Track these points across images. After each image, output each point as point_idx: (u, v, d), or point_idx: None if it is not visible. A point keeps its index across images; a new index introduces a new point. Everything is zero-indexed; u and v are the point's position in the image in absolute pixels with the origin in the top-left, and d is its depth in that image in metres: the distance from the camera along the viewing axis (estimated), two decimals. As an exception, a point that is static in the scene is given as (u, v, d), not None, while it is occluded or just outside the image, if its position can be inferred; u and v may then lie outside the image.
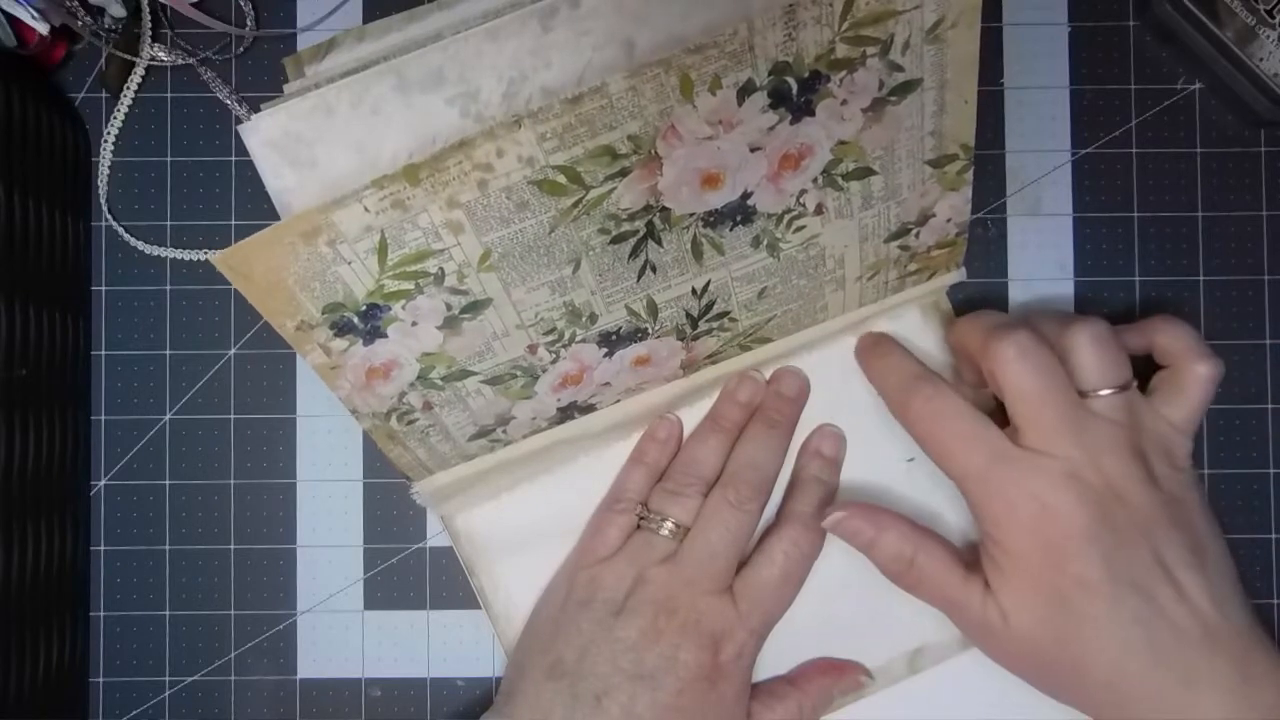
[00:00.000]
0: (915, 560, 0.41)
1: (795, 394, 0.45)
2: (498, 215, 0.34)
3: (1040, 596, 0.37)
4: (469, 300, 0.36)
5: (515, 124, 0.32)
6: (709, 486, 0.43)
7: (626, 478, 0.44)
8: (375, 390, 0.38)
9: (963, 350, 0.42)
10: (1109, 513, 0.37)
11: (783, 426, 0.44)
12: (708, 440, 0.44)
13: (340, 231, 0.33)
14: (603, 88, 0.32)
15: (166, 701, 0.46)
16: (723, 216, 0.37)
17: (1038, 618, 0.38)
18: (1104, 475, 0.37)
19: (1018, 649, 0.39)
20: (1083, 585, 0.36)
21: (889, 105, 0.36)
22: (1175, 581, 0.37)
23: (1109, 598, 0.36)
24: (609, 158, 0.33)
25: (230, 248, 0.33)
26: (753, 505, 0.42)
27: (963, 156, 0.39)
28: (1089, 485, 0.37)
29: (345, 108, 0.33)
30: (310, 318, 0.35)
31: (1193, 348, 0.40)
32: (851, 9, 0.32)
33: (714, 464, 0.43)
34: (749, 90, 0.33)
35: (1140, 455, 0.38)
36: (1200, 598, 0.36)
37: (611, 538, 0.43)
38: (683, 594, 0.41)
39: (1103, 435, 0.37)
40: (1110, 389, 0.38)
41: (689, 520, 0.42)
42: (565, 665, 0.40)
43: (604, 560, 0.42)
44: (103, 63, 0.46)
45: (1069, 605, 0.37)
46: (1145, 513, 0.37)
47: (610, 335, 0.40)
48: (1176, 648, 0.36)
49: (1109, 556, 0.36)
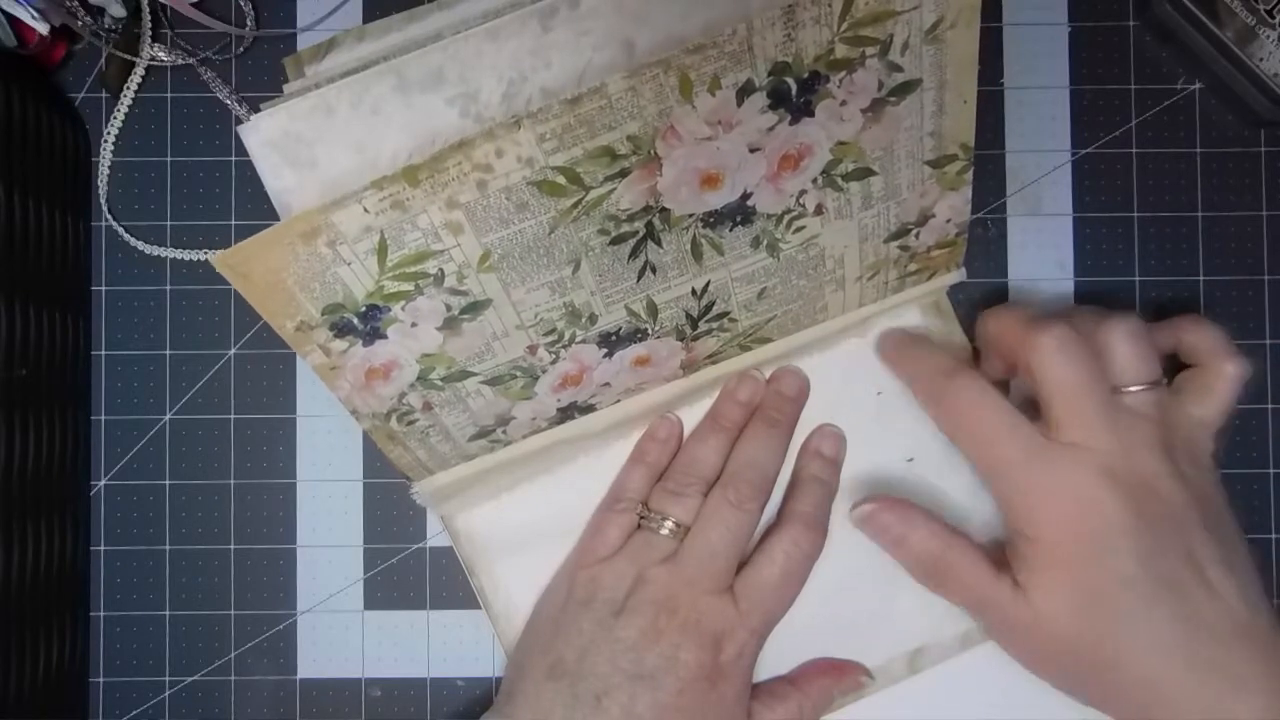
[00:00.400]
0: (944, 558, 0.40)
1: (795, 393, 0.45)
2: (497, 216, 0.34)
3: (1074, 592, 0.37)
4: (469, 301, 0.36)
5: (515, 124, 0.32)
6: (709, 486, 0.43)
7: (627, 477, 0.44)
8: (375, 391, 0.38)
9: (996, 341, 0.42)
10: (1144, 508, 0.37)
11: (783, 425, 0.44)
12: (708, 440, 0.44)
13: (340, 232, 0.33)
14: (602, 88, 0.32)
15: (166, 701, 0.46)
16: (722, 217, 0.37)
17: (1071, 615, 0.37)
18: (1138, 470, 0.37)
19: (1048, 647, 0.39)
20: (1120, 581, 0.36)
21: (888, 105, 0.36)
22: (1207, 580, 0.36)
23: (1146, 595, 0.36)
24: (608, 158, 0.34)
25: (230, 248, 0.33)
26: (753, 505, 0.42)
27: (962, 156, 0.39)
28: (1124, 480, 0.37)
29: (345, 108, 0.33)
30: (310, 318, 0.35)
31: (1221, 347, 0.40)
32: (850, 9, 0.32)
33: (714, 463, 0.43)
34: (748, 90, 0.33)
35: (1169, 452, 0.38)
36: (1232, 596, 0.36)
37: (612, 537, 0.43)
38: (683, 594, 0.41)
39: (1137, 430, 0.37)
40: (1143, 385, 0.38)
41: (689, 520, 0.42)
42: (565, 665, 0.40)
43: (604, 560, 0.42)
44: (103, 63, 0.46)
45: (1105, 602, 0.37)
46: (1178, 510, 0.37)
47: (610, 336, 0.40)
48: (1213, 646, 0.36)
49: (1146, 553, 0.36)
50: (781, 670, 0.45)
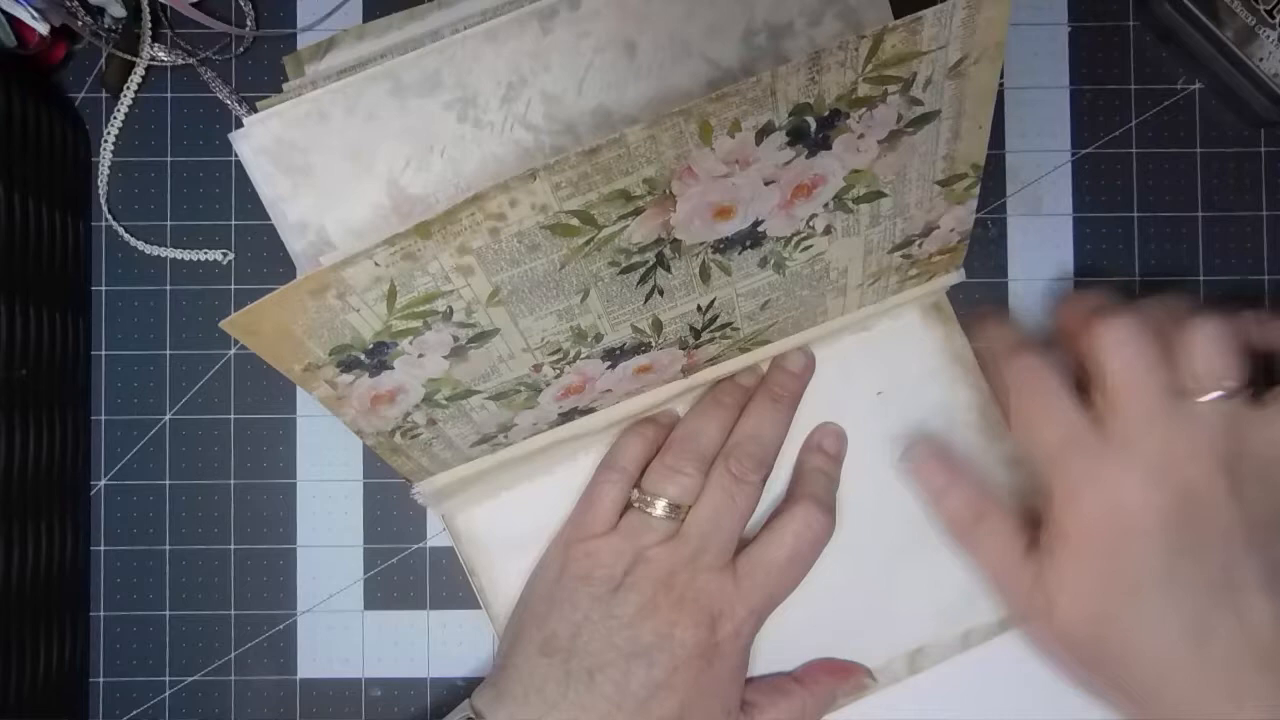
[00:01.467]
0: (979, 525, 0.40)
1: (800, 369, 0.45)
2: (508, 257, 0.33)
3: (1090, 594, 0.37)
4: (476, 332, 0.36)
5: (530, 176, 0.31)
6: (707, 464, 0.42)
7: (621, 447, 0.43)
8: (380, 413, 0.38)
9: (1063, 329, 0.41)
10: (1180, 518, 0.36)
11: (786, 401, 0.44)
12: (709, 414, 0.43)
13: (349, 285, 0.32)
14: (621, 139, 0.30)
15: (166, 701, 0.46)
16: (732, 243, 0.36)
17: (1083, 616, 0.37)
18: (1184, 480, 0.36)
19: (1059, 639, 0.39)
20: (1136, 586, 0.36)
21: (905, 135, 0.35)
22: (1239, 602, 0.35)
23: (1161, 603, 0.36)
24: (623, 200, 0.33)
25: (240, 312, 0.32)
26: (755, 478, 0.42)
27: (972, 175, 0.38)
28: (1163, 487, 0.36)
29: (339, 113, 0.33)
30: (317, 360, 0.34)
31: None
32: (877, 52, 0.31)
33: (714, 438, 0.43)
34: (768, 131, 0.32)
35: (1230, 468, 0.36)
36: (1264, 620, 0.35)
37: (605, 511, 0.42)
38: (683, 570, 0.40)
39: (1193, 440, 0.36)
40: (1215, 393, 0.36)
41: (686, 500, 0.41)
42: (559, 641, 0.40)
43: (600, 536, 0.41)
44: (103, 63, 0.46)
45: (1118, 603, 0.36)
46: (1221, 527, 0.36)
47: (614, 351, 0.39)
48: (1226, 663, 0.35)
49: (1171, 561, 0.35)
50: (784, 667, 0.45)
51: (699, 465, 0.42)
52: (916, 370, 0.46)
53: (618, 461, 0.43)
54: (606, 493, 0.42)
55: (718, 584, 0.41)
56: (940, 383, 0.46)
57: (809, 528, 0.42)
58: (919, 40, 0.31)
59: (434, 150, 0.33)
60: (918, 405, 0.45)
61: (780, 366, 0.44)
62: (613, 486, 0.42)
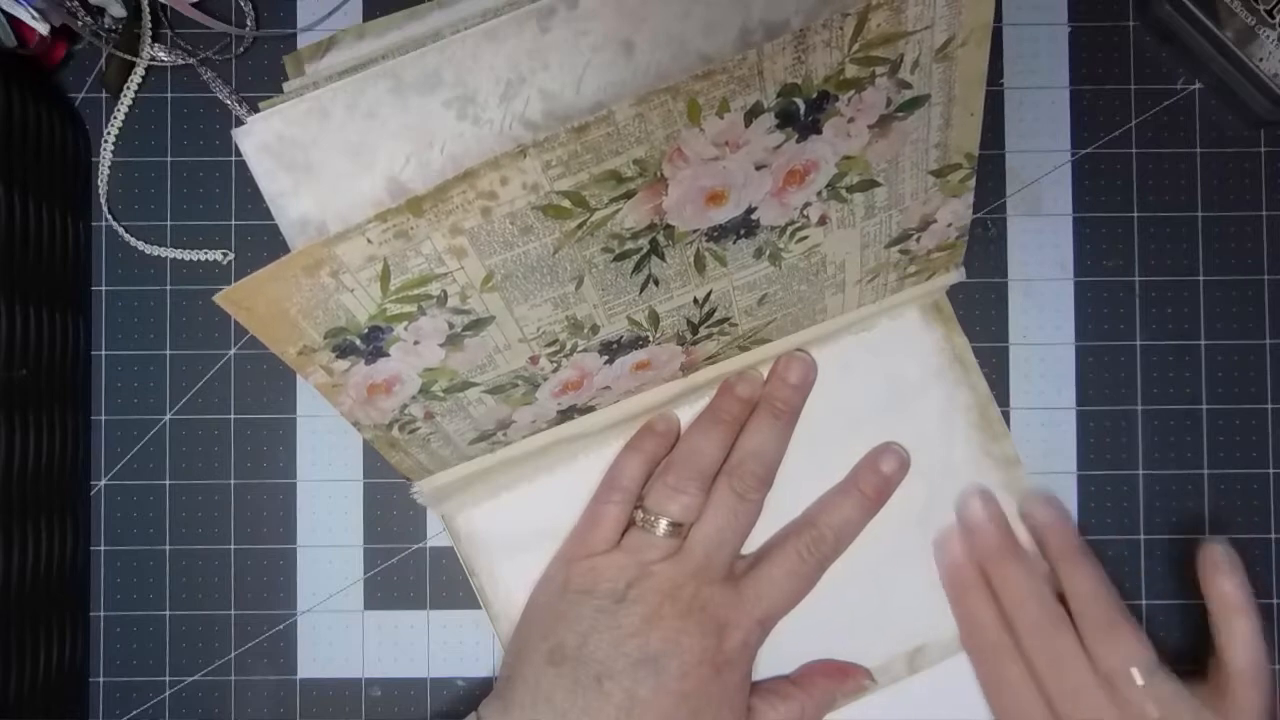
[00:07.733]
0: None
1: (800, 381, 0.45)
2: (501, 240, 0.33)
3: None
4: (471, 319, 0.36)
5: (520, 153, 0.31)
6: (709, 482, 0.43)
7: (623, 466, 0.44)
8: (377, 404, 0.38)
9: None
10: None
11: (787, 417, 0.44)
12: (709, 432, 0.44)
13: (343, 263, 0.32)
14: (609, 116, 0.31)
15: (166, 701, 0.46)
16: (726, 231, 0.37)
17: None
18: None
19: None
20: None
21: (895, 121, 0.35)
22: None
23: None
24: (614, 181, 0.33)
25: (232, 286, 0.32)
26: (757, 495, 0.42)
27: (966, 165, 0.38)
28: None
29: (340, 111, 0.33)
30: (312, 342, 0.35)
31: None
32: (862, 31, 0.32)
33: (714, 456, 0.43)
34: (756, 112, 0.33)
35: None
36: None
37: (606, 530, 0.42)
38: (688, 583, 0.41)
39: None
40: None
41: (687, 518, 0.42)
42: (566, 650, 0.40)
43: (602, 554, 0.42)
44: (103, 63, 0.46)
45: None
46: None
47: (612, 344, 0.40)
48: None
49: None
50: (782, 669, 0.45)
51: (701, 484, 0.42)
52: (916, 370, 0.46)
53: (619, 481, 0.43)
54: (609, 512, 0.43)
55: (723, 595, 0.41)
56: (940, 383, 0.46)
57: (813, 551, 0.43)
58: (904, 19, 0.32)
59: (434, 147, 0.33)
60: (918, 405, 0.45)
61: (781, 379, 0.45)
62: (615, 506, 0.43)
